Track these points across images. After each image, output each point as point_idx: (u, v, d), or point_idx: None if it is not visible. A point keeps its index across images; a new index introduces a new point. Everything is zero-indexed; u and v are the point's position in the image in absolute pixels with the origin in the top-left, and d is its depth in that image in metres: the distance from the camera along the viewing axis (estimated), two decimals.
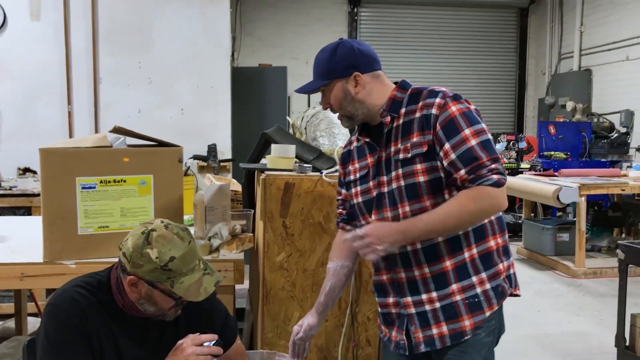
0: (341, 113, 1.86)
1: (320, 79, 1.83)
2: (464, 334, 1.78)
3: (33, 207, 4.46)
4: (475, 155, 1.66)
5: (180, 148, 2.45)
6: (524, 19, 10.48)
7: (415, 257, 1.78)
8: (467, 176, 1.66)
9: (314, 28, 9.71)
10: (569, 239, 6.40)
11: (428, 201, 1.74)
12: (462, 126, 1.69)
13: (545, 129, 8.15)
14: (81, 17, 5.38)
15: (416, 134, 1.74)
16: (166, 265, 1.64)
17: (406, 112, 1.78)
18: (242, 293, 4.40)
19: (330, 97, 1.84)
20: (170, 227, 1.69)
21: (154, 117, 5.42)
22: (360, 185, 1.88)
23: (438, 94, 1.75)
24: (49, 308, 1.72)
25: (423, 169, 1.73)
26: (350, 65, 1.79)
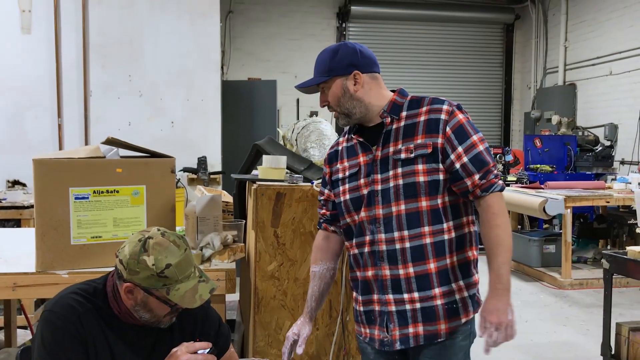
0: (338, 110, 1.90)
1: (321, 76, 1.88)
2: (438, 337, 1.84)
3: (22, 219, 4.46)
4: (484, 159, 1.80)
5: (173, 159, 2.48)
6: (510, 34, 10.65)
7: (403, 256, 1.82)
8: (480, 181, 1.78)
9: (303, 43, 9.80)
10: (556, 251, 6.48)
11: (424, 202, 1.80)
12: (470, 132, 1.81)
13: (531, 142, 8.26)
14: (72, 30, 5.42)
15: (421, 136, 1.81)
16: (162, 272, 1.66)
17: (407, 116, 1.86)
18: (232, 305, 4.41)
19: (328, 94, 1.89)
20: (166, 234, 1.72)
21: (144, 130, 5.44)
22: (348, 183, 1.92)
23: (444, 102, 1.85)
24: (45, 314, 1.73)
25: (424, 170, 1.80)
26: (351, 64, 1.86)
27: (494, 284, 1.76)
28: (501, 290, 1.75)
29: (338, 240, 2.04)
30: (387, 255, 1.84)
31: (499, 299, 1.75)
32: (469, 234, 1.88)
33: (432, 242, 1.81)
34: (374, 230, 1.85)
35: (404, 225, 1.81)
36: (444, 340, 1.84)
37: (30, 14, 5.34)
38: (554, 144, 8.23)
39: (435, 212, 1.81)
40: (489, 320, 1.74)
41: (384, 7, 9.95)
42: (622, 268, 3.52)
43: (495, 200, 1.80)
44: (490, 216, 1.79)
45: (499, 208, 1.80)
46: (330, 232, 2.05)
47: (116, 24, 5.49)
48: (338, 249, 2.06)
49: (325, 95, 1.90)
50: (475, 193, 1.80)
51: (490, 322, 1.73)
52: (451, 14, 10.17)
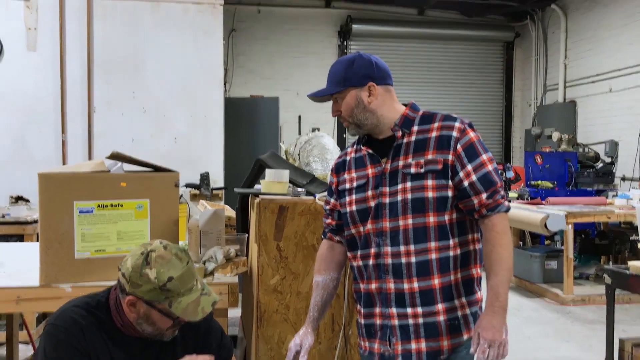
0: (350, 120, 1.90)
1: (335, 86, 1.88)
2: (441, 353, 1.84)
3: (25, 234, 4.46)
4: (492, 179, 1.82)
5: (177, 173, 2.50)
6: (510, 52, 10.73)
7: (408, 270, 1.83)
8: (486, 201, 1.80)
9: (305, 60, 9.88)
10: (557, 267, 6.46)
11: (432, 217, 1.81)
12: (480, 151, 1.83)
13: (532, 158, 8.29)
14: (77, 47, 5.48)
15: (432, 152, 1.83)
16: (164, 286, 1.67)
17: (419, 131, 1.87)
18: (233, 321, 4.40)
19: (342, 104, 1.89)
20: (169, 247, 1.73)
21: (147, 146, 5.48)
22: (356, 194, 1.92)
23: (456, 119, 1.86)
24: (48, 327, 1.74)
25: (433, 185, 1.81)
26: (366, 75, 1.87)
27: (491, 302, 1.77)
28: (497, 308, 1.76)
29: (342, 250, 2.05)
30: (392, 269, 1.84)
31: (494, 316, 1.75)
32: (473, 251, 1.88)
33: (437, 257, 1.82)
34: (380, 243, 1.85)
35: (410, 240, 1.82)
36: (447, 357, 1.85)
37: (36, 31, 5.41)
38: (554, 161, 8.25)
39: (442, 228, 1.82)
40: (483, 336, 1.74)
41: (385, 26, 10.05)
42: (624, 283, 3.52)
43: (500, 220, 1.81)
44: (493, 235, 1.80)
45: (503, 228, 1.82)
46: (335, 242, 2.06)
47: (120, 41, 5.55)
48: (342, 259, 2.06)
49: (337, 105, 1.90)
50: (481, 212, 1.81)
51: (484, 339, 1.73)
52: (452, 32, 10.27)
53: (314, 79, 9.87)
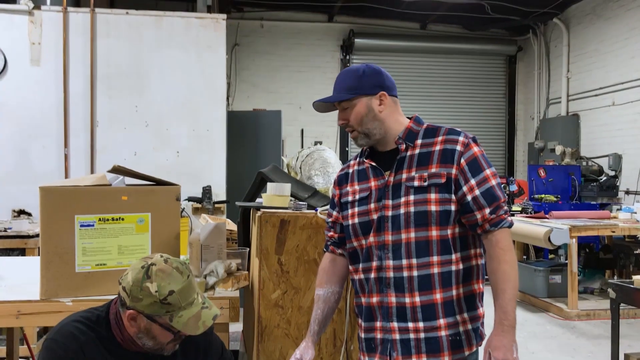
0: (359, 130, 1.88)
1: (346, 93, 1.87)
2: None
3: (27, 248, 4.46)
4: (496, 194, 1.81)
5: (178, 187, 2.50)
6: (512, 66, 10.75)
7: (410, 284, 1.81)
8: (489, 216, 1.79)
9: (308, 75, 9.92)
10: (561, 281, 6.43)
11: (435, 231, 1.80)
12: (484, 166, 1.83)
13: (536, 172, 8.27)
14: (80, 62, 5.50)
15: (435, 165, 1.82)
16: (165, 299, 1.66)
17: (422, 144, 1.87)
18: (235, 336, 4.38)
19: (351, 113, 1.87)
20: (169, 261, 1.73)
21: (150, 160, 5.48)
22: (358, 207, 1.91)
23: (460, 133, 1.86)
24: (47, 342, 1.73)
25: (437, 199, 1.80)
26: (377, 84, 1.88)
27: (500, 320, 1.75)
28: (507, 327, 1.75)
29: (344, 263, 2.04)
30: (394, 283, 1.83)
31: (505, 335, 1.74)
32: (476, 266, 1.87)
33: (439, 272, 1.81)
34: (382, 256, 1.84)
35: (412, 253, 1.81)
36: None
37: (40, 46, 5.44)
38: (558, 174, 8.23)
39: (444, 243, 1.81)
40: (494, 356, 1.73)
41: (388, 40, 10.09)
42: (629, 297, 3.49)
43: (503, 236, 1.81)
44: (498, 252, 1.79)
45: (507, 244, 1.81)
46: (337, 255, 2.05)
47: (123, 56, 5.58)
48: (344, 272, 2.05)
49: (346, 114, 1.89)
50: (484, 227, 1.80)
51: (496, 358, 1.72)
52: (454, 46, 10.31)
53: (317, 92, 9.89)
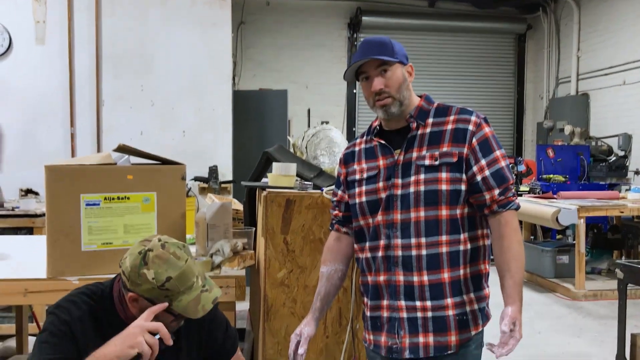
0: (396, 96, 1.84)
1: (390, 56, 1.83)
2: (448, 349, 1.83)
3: (35, 227, 4.49)
4: (505, 175, 1.81)
5: (183, 166, 2.49)
6: (522, 44, 10.62)
7: (418, 263, 1.81)
8: (498, 197, 1.79)
9: (314, 53, 9.84)
10: (569, 261, 6.41)
11: (444, 210, 1.79)
12: (494, 147, 1.82)
13: (544, 152, 8.22)
14: (85, 41, 5.48)
15: (447, 144, 1.81)
16: (163, 286, 1.65)
17: (434, 123, 1.85)
18: (242, 314, 4.41)
19: (391, 77, 1.83)
20: (167, 246, 1.70)
21: (156, 139, 5.48)
22: (366, 185, 1.90)
23: (472, 113, 1.85)
24: (52, 309, 1.74)
25: (447, 178, 1.79)
26: (405, 55, 1.89)
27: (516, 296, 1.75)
28: (520, 304, 1.76)
29: (350, 242, 2.03)
30: (402, 261, 1.82)
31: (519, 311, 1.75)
32: (483, 247, 1.87)
33: (448, 251, 1.80)
34: (390, 234, 1.83)
35: (421, 232, 1.80)
36: (455, 352, 1.83)
37: (45, 25, 5.41)
38: (566, 154, 8.17)
39: (453, 222, 1.80)
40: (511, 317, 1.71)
41: (395, 18, 9.98)
42: (636, 278, 3.47)
43: (512, 217, 1.81)
44: (509, 231, 1.79)
45: (516, 225, 1.82)
46: (342, 234, 2.04)
47: (128, 35, 5.54)
48: (349, 251, 2.04)
49: (385, 79, 1.83)
50: (492, 208, 1.80)
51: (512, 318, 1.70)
52: (463, 24, 10.18)
53: (324, 71, 9.84)
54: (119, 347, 1.56)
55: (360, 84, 1.90)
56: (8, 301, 2.47)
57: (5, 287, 2.32)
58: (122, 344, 1.57)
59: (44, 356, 1.62)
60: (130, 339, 1.57)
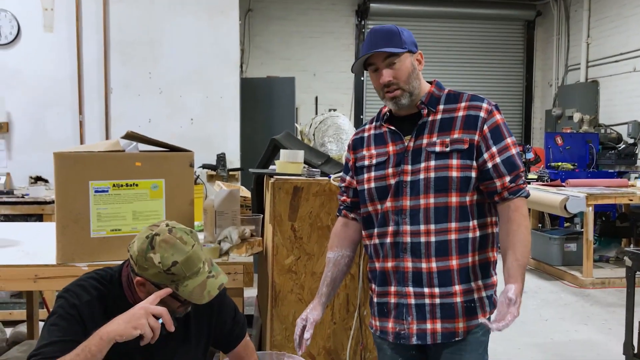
0: (405, 87, 1.82)
1: (398, 46, 1.80)
2: (456, 335, 1.83)
3: (44, 214, 4.53)
4: (516, 163, 1.81)
5: (191, 153, 2.49)
6: (531, 31, 10.53)
7: (427, 250, 1.81)
8: (509, 184, 1.79)
9: (322, 40, 9.80)
10: (577, 249, 6.40)
11: (454, 197, 1.79)
12: (505, 134, 1.82)
13: (553, 140, 8.17)
14: (93, 29, 5.48)
15: (458, 131, 1.80)
16: (169, 270, 1.66)
17: (445, 109, 1.85)
18: (250, 301, 4.43)
19: (400, 68, 1.81)
20: (174, 231, 1.71)
21: (164, 127, 5.48)
22: (375, 171, 1.89)
23: (483, 100, 1.85)
24: (61, 293, 1.76)
25: (458, 165, 1.79)
26: (414, 43, 1.86)
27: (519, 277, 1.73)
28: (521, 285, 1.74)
29: (357, 228, 2.03)
30: (410, 248, 1.82)
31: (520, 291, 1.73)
32: (491, 234, 1.87)
33: (456, 238, 1.80)
34: (399, 221, 1.83)
35: (431, 219, 1.80)
36: (462, 338, 1.83)
37: (53, 12, 5.42)
38: (575, 142, 8.12)
39: (463, 209, 1.80)
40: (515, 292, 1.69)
41: (403, 4, 9.91)
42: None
43: (522, 203, 1.81)
44: (518, 217, 1.79)
45: (526, 212, 1.83)
46: (350, 219, 2.04)
47: (136, 22, 5.54)
48: (356, 237, 2.04)
49: (393, 70, 1.81)
50: (502, 195, 1.80)
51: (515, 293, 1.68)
52: (471, 10, 10.09)
53: (330, 59, 9.80)
54: (122, 326, 1.58)
55: (369, 75, 1.89)
56: (19, 287, 2.50)
57: (16, 273, 2.34)
58: (125, 323, 1.59)
59: (52, 338, 1.64)
60: (134, 320, 1.59)
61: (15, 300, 4.55)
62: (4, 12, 5.34)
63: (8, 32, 5.37)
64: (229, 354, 2.03)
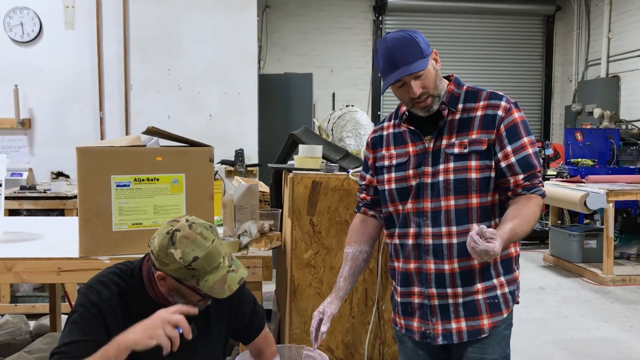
0: (435, 94, 1.78)
1: (421, 57, 1.72)
2: (482, 332, 1.84)
3: (66, 209, 4.59)
4: (532, 163, 1.77)
5: (211, 148, 2.52)
6: (550, 26, 10.42)
7: (449, 251, 1.81)
8: (523, 182, 1.76)
9: (339, 37, 9.79)
10: (597, 246, 6.33)
11: (475, 199, 1.78)
12: (522, 133, 1.79)
13: (572, 136, 8.08)
14: (113, 26, 5.54)
15: (477, 131, 1.78)
16: (190, 265, 1.67)
17: (464, 109, 1.82)
18: (268, 296, 4.46)
19: (427, 77, 1.75)
20: (194, 226, 1.72)
21: (183, 123, 5.53)
22: (395, 172, 1.88)
23: (502, 97, 1.81)
24: (82, 288, 1.79)
25: (477, 166, 1.77)
26: (427, 43, 1.79)
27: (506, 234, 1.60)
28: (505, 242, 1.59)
29: (376, 224, 2.03)
30: (432, 250, 1.82)
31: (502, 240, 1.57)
32: None
33: None
34: (420, 223, 1.83)
35: (452, 221, 1.79)
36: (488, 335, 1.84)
37: (74, 9, 5.48)
38: (595, 138, 8.03)
39: (484, 209, 1.80)
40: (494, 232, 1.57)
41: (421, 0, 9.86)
42: None
43: (536, 197, 1.78)
44: (530, 204, 1.75)
45: (539, 203, 1.78)
46: (369, 216, 2.04)
47: (155, 19, 5.58)
48: (375, 233, 2.04)
49: (421, 81, 1.75)
50: (515, 190, 1.78)
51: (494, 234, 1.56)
52: (490, 5, 10.01)
53: (348, 54, 9.78)
54: (138, 335, 1.57)
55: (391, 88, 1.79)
56: (43, 279, 2.54)
57: (40, 266, 2.39)
58: (142, 332, 1.57)
59: (73, 337, 1.67)
60: (150, 329, 1.57)
61: (38, 293, 4.62)
62: (26, 10, 5.42)
63: (30, 30, 5.45)
64: (249, 345, 2.05)
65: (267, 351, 2.06)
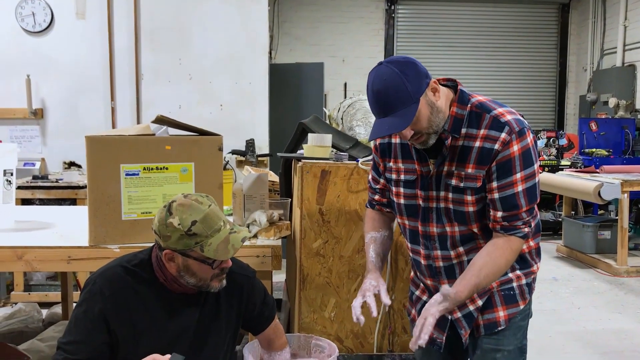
0: (430, 131, 1.68)
1: (409, 108, 1.60)
2: (498, 325, 1.83)
3: (78, 199, 4.61)
4: (517, 203, 1.69)
5: (220, 137, 2.51)
6: (565, 14, 10.28)
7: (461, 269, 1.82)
8: (502, 221, 1.71)
9: (351, 26, 9.72)
10: (611, 237, 6.26)
11: (475, 228, 1.78)
12: (516, 169, 1.68)
13: (587, 125, 7.99)
14: (124, 16, 5.53)
15: (472, 166, 1.71)
16: (190, 230, 1.69)
17: (466, 135, 1.71)
18: (278, 286, 4.46)
19: (419, 119, 1.63)
20: (189, 195, 1.76)
21: (194, 113, 5.52)
22: (404, 188, 1.85)
23: (504, 127, 1.67)
24: (88, 281, 1.80)
25: (473, 201, 1.75)
26: (422, 75, 1.63)
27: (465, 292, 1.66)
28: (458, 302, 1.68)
29: (392, 217, 2.02)
30: (444, 271, 1.85)
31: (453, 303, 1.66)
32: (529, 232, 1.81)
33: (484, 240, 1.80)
34: (429, 246, 1.85)
35: (458, 243, 1.80)
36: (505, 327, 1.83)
37: (85, 0, 5.48)
38: (610, 128, 7.93)
39: (487, 231, 1.78)
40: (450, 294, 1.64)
41: None
42: None
43: (517, 240, 1.72)
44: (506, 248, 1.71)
45: (516, 248, 1.73)
46: (385, 212, 2.03)
47: (166, 9, 5.57)
48: (392, 223, 2.05)
49: (412, 124, 1.62)
50: (494, 227, 1.74)
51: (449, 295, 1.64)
52: None
53: (360, 44, 9.72)
54: None
55: None
56: (53, 267, 2.56)
57: (50, 254, 2.40)
58: None
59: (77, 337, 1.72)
60: None
61: (51, 282, 4.66)
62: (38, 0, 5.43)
63: (42, 20, 5.46)
64: (259, 335, 2.04)
65: (277, 342, 2.06)
